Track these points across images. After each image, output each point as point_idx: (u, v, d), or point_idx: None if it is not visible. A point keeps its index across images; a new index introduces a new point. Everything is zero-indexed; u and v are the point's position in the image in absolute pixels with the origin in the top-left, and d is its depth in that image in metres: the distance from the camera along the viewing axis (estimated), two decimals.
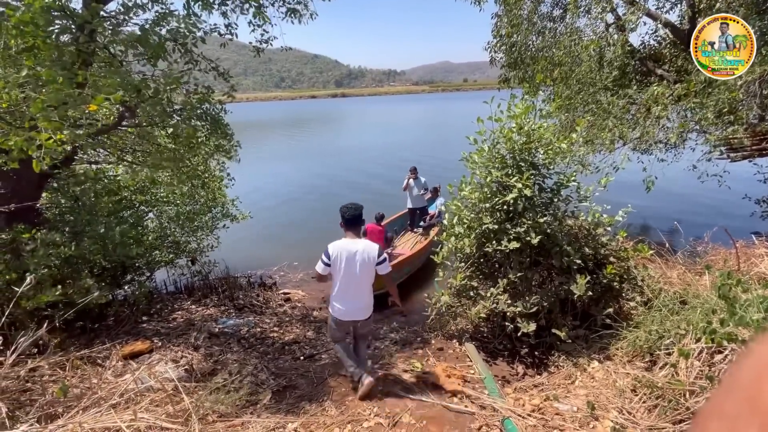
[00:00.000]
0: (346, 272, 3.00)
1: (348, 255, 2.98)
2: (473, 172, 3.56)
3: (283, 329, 4.86)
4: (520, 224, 3.38)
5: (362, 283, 3.06)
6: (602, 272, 3.55)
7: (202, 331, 4.47)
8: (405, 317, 5.76)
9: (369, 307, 3.19)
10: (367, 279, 3.07)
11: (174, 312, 5.19)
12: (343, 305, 3.11)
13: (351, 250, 2.99)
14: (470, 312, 3.63)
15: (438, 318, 4.26)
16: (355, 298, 3.09)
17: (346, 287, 3.05)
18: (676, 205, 9.87)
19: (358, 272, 3.00)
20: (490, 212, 3.53)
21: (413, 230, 9.01)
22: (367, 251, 3.00)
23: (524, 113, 3.23)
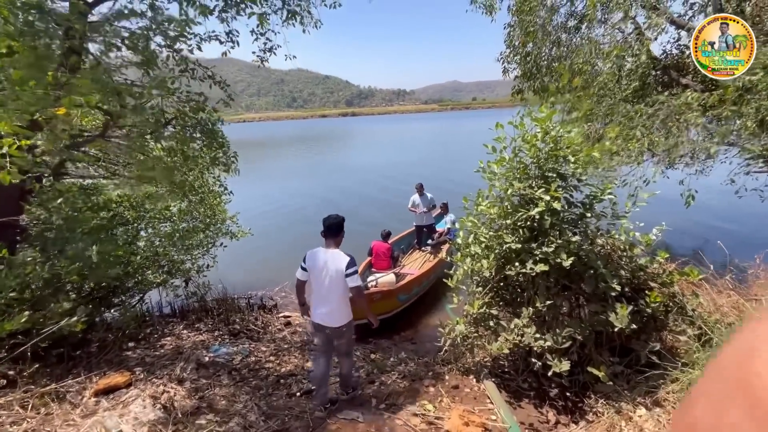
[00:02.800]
0: (317, 278, 3.14)
1: (319, 262, 3.12)
2: (491, 184, 3.15)
3: (280, 359, 4.41)
4: (547, 243, 2.93)
5: (333, 290, 3.10)
6: (644, 300, 3.06)
7: (190, 361, 4.04)
8: (414, 344, 5.26)
9: (342, 316, 3.17)
10: (337, 287, 3.09)
11: (164, 337, 4.78)
12: (315, 308, 3.21)
13: (321, 258, 3.12)
14: (490, 346, 3.15)
15: (452, 349, 3.77)
16: (326, 303, 3.14)
17: (318, 291, 3.16)
18: (711, 222, 9.21)
19: (327, 281, 3.09)
20: (511, 230, 3.09)
21: (421, 249, 8.55)
22: (334, 261, 3.08)
23: (550, 117, 2.83)
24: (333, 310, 3.14)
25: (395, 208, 9.20)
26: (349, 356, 3.43)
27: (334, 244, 3.19)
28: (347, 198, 15.44)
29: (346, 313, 3.20)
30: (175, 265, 5.09)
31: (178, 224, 5.27)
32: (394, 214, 11.58)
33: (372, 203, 14.24)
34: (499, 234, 3.10)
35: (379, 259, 6.75)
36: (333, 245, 3.18)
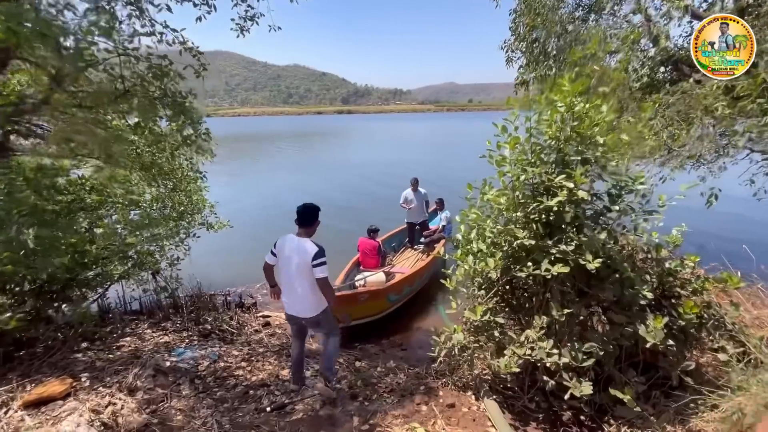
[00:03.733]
0: (285, 265, 3.09)
1: (289, 249, 3.06)
2: (500, 170, 2.67)
3: (252, 365, 3.90)
4: (566, 241, 2.46)
5: (301, 279, 3.03)
6: (675, 311, 2.61)
7: (147, 366, 3.51)
8: (405, 351, 4.78)
9: (313, 305, 3.11)
10: (305, 276, 3.01)
11: (123, 337, 4.24)
12: (285, 297, 3.20)
13: (290, 245, 3.06)
14: (495, 362, 2.67)
15: (448, 361, 3.30)
16: (294, 292, 3.10)
17: (287, 280, 3.12)
18: (731, 225, 8.77)
19: (294, 269, 3.04)
20: (523, 224, 2.62)
21: (413, 247, 8.07)
22: (303, 250, 2.99)
23: (578, 90, 2.35)
24: (302, 299, 3.09)
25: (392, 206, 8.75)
26: (334, 335, 3.33)
27: (306, 234, 3.11)
28: (341, 194, 14.91)
29: (317, 302, 3.11)
30: (141, 256, 4.54)
31: (147, 212, 4.72)
32: (390, 212, 11.11)
33: (367, 201, 13.74)
34: (508, 228, 2.63)
35: (367, 257, 6.26)
36: (304, 234, 3.10)
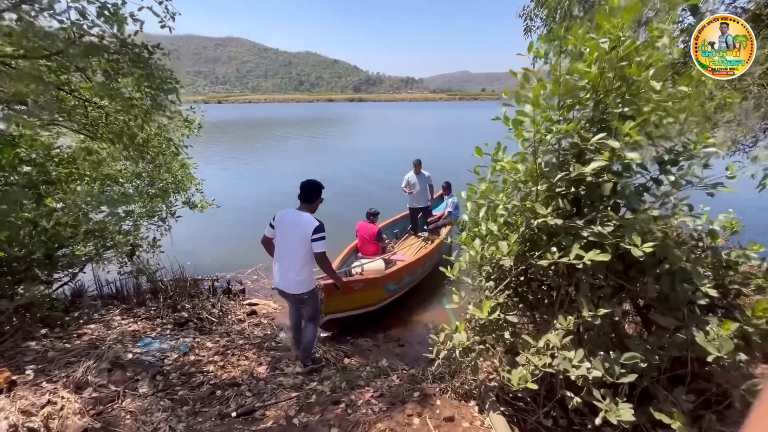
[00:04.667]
0: (281, 238, 3.11)
1: (288, 222, 3.08)
2: (519, 130, 2.09)
3: (226, 360, 3.44)
4: (603, 220, 1.90)
5: (295, 254, 3.05)
6: (738, 312, 2.04)
7: (104, 359, 3.08)
8: (402, 347, 4.28)
9: (303, 283, 3.11)
10: (300, 250, 3.03)
11: (88, 324, 3.83)
12: (276, 271, 3.17)
13: (292, 218, 3.07)
14: (506, 372, 2.15)
15: (447, 363, 2.79)
16: (287, 266, 3.09)
17: (281, 253, 3.13)
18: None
19: (291, 242, 3.05)
20: (546, 198, 2.06)
21: (417, 234, 7.53)
22: (303, 223, 3.01)
23: (627, 19, 1.75)
24: (294, 274, 3.06)
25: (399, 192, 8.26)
26: (313, 322, 3.37)
27: (307, 209, 3.11)
28: (348, 181, 14.38)
29: (307, 279, 3.12)
30: (111, 235, 4.09)
31: (117, 187, 4.26)
32: (397, 199, 10.57)
33: (375, 187, 13.19)
34: (526, 204, 2.07)
35: (366, 243, 5.75)
36: (305, 210, 3.10)
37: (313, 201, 3.13)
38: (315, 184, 3.13)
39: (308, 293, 3.15)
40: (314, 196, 3.12)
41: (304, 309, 3.30)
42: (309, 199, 3.10)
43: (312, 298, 3.22)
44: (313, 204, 3.13)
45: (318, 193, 3.14)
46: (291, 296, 3.17)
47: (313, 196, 3.12)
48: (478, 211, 2.45)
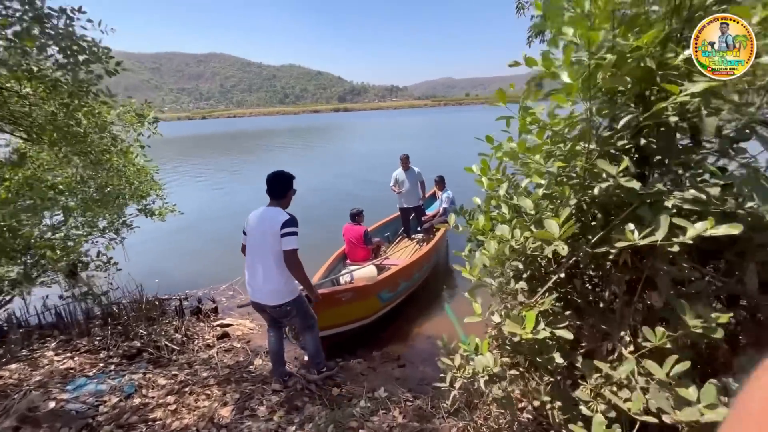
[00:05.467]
0: (251, 239, 2.76)
1: (256, 221, 2.73)
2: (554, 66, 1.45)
3: (181, 401, 2.70)
4: (695, 181, 1.27)
5: (265, 255, 2.64)
6: None
7: (13, 413, 2.33)
8: (402, 368, 3.59)
9: (278, 291, 2.70)
10: (270, 251, 2.62)
11: (9, 363, 3.06)
12: (249, 281, 2.79)
13: (259, 216, 2.74)
14: (561, 412, 1.48)
15: (467, 395, 2.12)
16: (258, 272, 2.69)
17: (251, 259, 2.74)
18: None
19: (261, 242, 2.66)
20: (602, 153, 1.42)
21: (410, 237, 6.88)
22: (271, 219, 2.64)
23: None
24: (266, 282, 2.68)
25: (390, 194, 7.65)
26: (311, 330, 2.97)
27: (278, 205, 2.76)
28: (340, 186, 13.71)
29: (284, 285, 2.70)
30: (37, 251, 3.33)
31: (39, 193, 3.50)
32: (389, 203, 9.93)
33: (367, 191, 12.54)
34: (581, 165, 1.42)
35: (354, 248, 5.07)
36: (276, 206, 2.76)
37: (283, 195, 2.79)
38: (283, 174, 2.80)
39: (291, 302, 2.75)
40: (284, 189, 2.79)
41: (292, 321, 2.92)
42: (278, 193, 2.77)
43: (297, 306, 2.81)
44: (284, 199, 2.80)
45: (288, 184, 2.81)
46: (270, 310, 2.77)
47: (283, 188, 2.78)
48: (498, 186, 1.80)
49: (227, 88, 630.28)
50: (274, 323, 3.02)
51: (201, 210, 10.77)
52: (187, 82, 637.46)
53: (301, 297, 2.85)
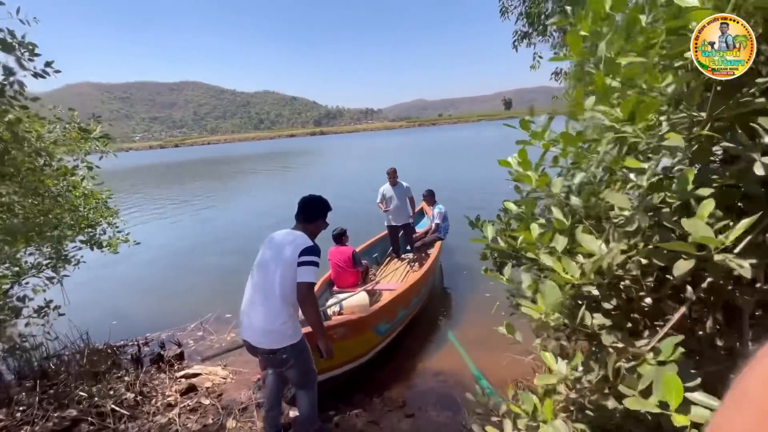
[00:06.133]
0: (259, 265, 2.25)
1: (272, 243, 2.27)
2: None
3: None
4: None
5: (271, 287, 2.14)
6: None
7: None
8: (411, 417, 2.97)
9: (278, 333, 2.13)
10: (278, 281, 2.12)
11: None
12: (242, 313, 2.25)
13: (278, 238, 2.27)
14: None
15: None
16: (255, 305, 2.17)
17: (253, 286, 2.23)
18: None
19: (271, 267, 2.16)
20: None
21: (400, 257, 6.34)
22: (289, 241, 2.19)
23: None
24: (267, 319, 2.13)
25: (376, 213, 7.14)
26: (307, 389, 2.37)
27: (303, 230, 2.32)
28: None
29: (287, 327, 2.16)
30: None
31: None
32: (376, 222, 9.42)
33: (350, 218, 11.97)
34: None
35: (342, 273, 4.48)
36: (299, 228, 2.34)
37: (313, 219, 2.38)
38: (318, 200, 2.42)
39: (289, 349, 2.18)
40: (314, 214, 2.39)
41: (287, 373, 2.34)
42: (308, 217, 2.37)
43: (296, 354, 2.22)
44: (312, 224, 2.38)
45: (322, 211, 2.41)
46: (263, 355, 2.23)
47: (313, 212, 2.38)
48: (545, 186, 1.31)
49: (201, 115, 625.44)
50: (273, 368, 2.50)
51: (167, 240, 9.92)
52: (160, 111, 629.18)
53: (303, 344, 2.29)
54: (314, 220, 2.37)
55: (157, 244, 9.42)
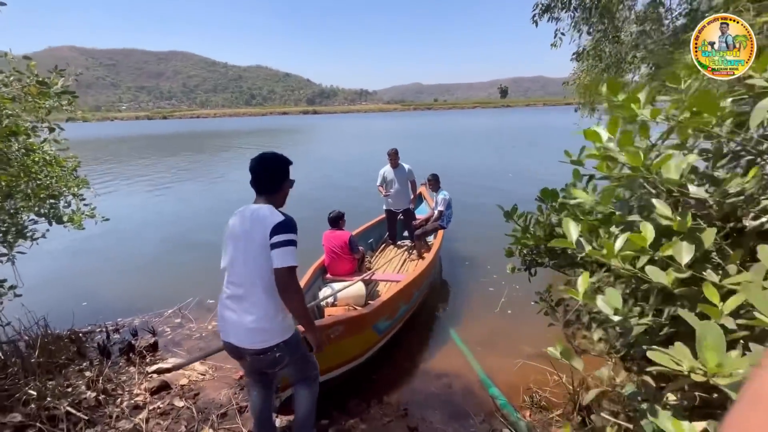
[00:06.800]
0: (230, 254, 1.88)
1: (237, 224, 1.89)
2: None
3: None
4: None
5: (247, 278, 1.81)
6: None
7: None
8: (414, 431, 2.62)
9: (261, 331, 1.79)
10: (255, 270, 1.79)
11: None
12: (221, 313, 1.90)
13: (242, 217, 1.88)
14: None
15: None
16: (234, 304, 1.83)
17: (229, 279, 1.88)
18: None
19: (242, 254, 1.82)
20: None
21: (396, 243, 5.96)
22: (258, 221, 1.79)
23: None
24: (250, 315, 1.78)
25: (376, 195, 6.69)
26: (308, 385, 2.04)
27: (266, 201, 1.89)
28: (314, 191, 12.57)
29: (276, 323, 1.82)
30: None
31: None
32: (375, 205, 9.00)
33: (350, 196, 11.50)
34: None
35: (337, 259, 4.08)
36: (263, 201, 1.89)
37: (276, 188, 1.93)
38: (274, 158, 1.93)
39: (282, 346, 1.84)
40: (275, 179, 1.93)
41: (284, 373, 2.06)
42: (267, 185, 1.92)
43: (291, 351, 1.90)
44: (276, 194, 1.94)
45: (280, 172, 1.94)
46: (252, 358, 1.87)
47: (273, 178, 1.93)
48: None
49: (190, 87, 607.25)
50: (259, 377, 2.11)
51: (147, 216, 9.35)
52: (147, 81, 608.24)
53: (297, 337, 1.95)
54: (277, 186, 1.93)
55: (137, 219, 8.87)
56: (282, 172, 1.94)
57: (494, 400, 2.83)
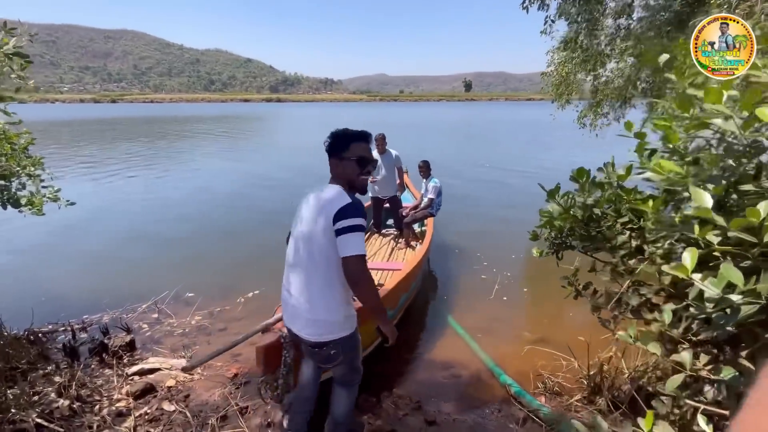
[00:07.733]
0: (295, 237, 1.77)
1: (306, 205, 1.76)
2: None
3: None
4: None
5: (310, 265, 1.67)
6: None
7: None
8: (433, 425, 2.50)
9: (320, 323, 1.68)
10: (317, 257, 1.65)
11: None
12: (283, 302, 1.82)
13: (311, 200, 1.75)
14: None
15: None
16: (294, 287, 1.72)
17: (289, 267, 1.78)
18: None
19: (306, 239, 1.68)
20: None
21: (381, 232, 5.82)
22: (322, 205, 1.65)
23: None
24: (310, 305, 1.67)
25: None
26: (350, 386, 1.93)
27: (335, 177, 1.78)
28: (287, 179, 12.11)
29: (336, 315, 1.69)
30: None
31: None
32: None
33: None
34: None
35: None
36: (332, 180, 1.78)
37: (341, 157, 1.76)
38: (342, 131, 1.79)
39: (339, 343, 1.73)
40: (336, 148, 1.78)
41: (334, 371, 1.91)
42: (333, 154, 1.78)
43: (346, 350, 1.78)
44: (341, 165, 1.77)
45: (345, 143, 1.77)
46: (306, 349, 1.81)
47: (336, 147, 1.78)
48: None
49: (142, 69, 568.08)
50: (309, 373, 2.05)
51: (110, 203, 8.59)
52: (92, 60, 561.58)
53: (357, 336, 1.83)
54: (337, 155, 1.76)
55: (97, 206, 8.10)
56: (343, 142, 1.77)
57: (508, 388, 2.76)
